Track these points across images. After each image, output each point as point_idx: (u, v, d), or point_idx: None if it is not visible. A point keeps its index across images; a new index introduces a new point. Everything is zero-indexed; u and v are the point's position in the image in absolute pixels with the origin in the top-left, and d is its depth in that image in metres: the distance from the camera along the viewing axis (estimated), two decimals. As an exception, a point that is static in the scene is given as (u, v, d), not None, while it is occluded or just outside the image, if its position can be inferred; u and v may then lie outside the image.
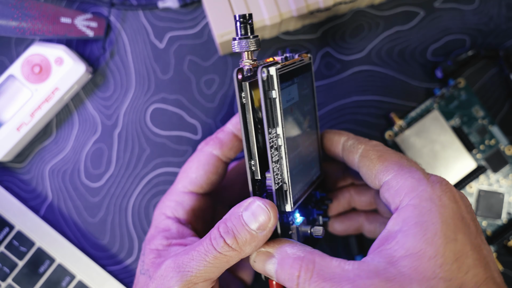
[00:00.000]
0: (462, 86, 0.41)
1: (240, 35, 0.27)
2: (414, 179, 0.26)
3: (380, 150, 0.29)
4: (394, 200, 0.26)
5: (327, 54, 0.42)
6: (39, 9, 0.39)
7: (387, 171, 0.27)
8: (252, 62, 0.27)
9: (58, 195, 0.41)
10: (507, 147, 0.41)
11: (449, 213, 0.24)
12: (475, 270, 0.23)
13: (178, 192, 0.32)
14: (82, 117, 0.42)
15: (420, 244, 0.23)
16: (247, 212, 0.26)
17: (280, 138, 0.26)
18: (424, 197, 0.25)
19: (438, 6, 0.42)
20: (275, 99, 0.26)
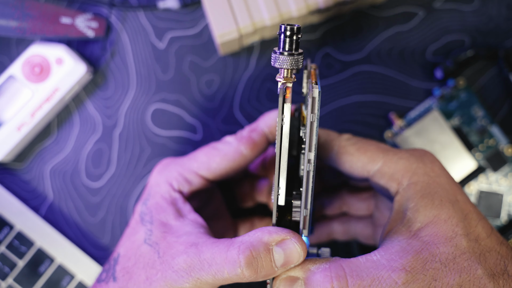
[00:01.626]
0: (462, 86, 0.41)
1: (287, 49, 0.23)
2: (404, 160, 0.28)
3: (355, 143, 0.29)
4: (392, 184, 0.28)
5: (327, 54, 0.42)
6: (40, 9, 0.39)
7: (373, 160, 0.28)
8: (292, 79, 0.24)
9: (59, 195, 0.41)
10: (506, 147, 0.41)
11: (444, 179, 0.27)
12: (481, 222, 0.26)
13: (190, 169, 0.31)
14: (82, 117, 0.42)
15: (432, 212, 0.26)
16: (279, 249, 0.25)
17: (312, 164, 0.24)
18: (420, 173, 0.27)
19: (438, 7, 0.42)
20: (313, 123, 0.24)
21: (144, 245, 0.28)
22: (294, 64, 0.24)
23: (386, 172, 0.28)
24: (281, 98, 0.23)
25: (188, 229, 0.28)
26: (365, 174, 0.29)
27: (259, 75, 0.42)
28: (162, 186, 0.31)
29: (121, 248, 0.30)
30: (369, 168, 0.29)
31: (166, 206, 0.30)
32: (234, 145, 0.31)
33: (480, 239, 0.25)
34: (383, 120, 0.42)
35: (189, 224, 0.28)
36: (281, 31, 0.23)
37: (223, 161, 0.31)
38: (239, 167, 0.31)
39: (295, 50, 0.24)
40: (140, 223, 0.30)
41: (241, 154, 0.31)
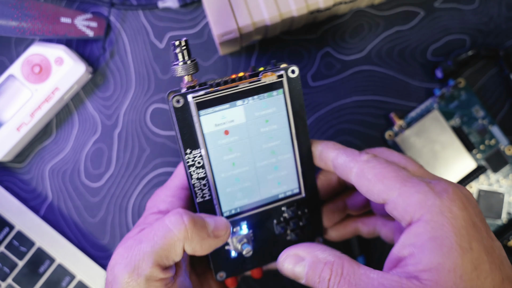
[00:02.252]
0: (462, 86, 0.41)
1: (180, 61, 0.28)
2: (420, 194, 0.26)
3: (375, 167, 0.28)
4: (404, 217, 0.26)
5: (327, 54, 0.42)
6: (39, 9, 0.39)
7: (389, 190, 0.27)
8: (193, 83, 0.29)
9: (58, 195, 0.41)
10: (507, 147, 0.41)
11: (460, 223, 0.25)
12: (492, 274, 0.24)
13: (175, 187, 0.31)
14: (82, 117, 0.42)
15: (438, 258, 0.24)
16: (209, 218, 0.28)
17: (204, 158, 0.29)
18: (434, 212, 0.25)
19: (438, 6, 0.42)
20: (195, 123, 0.28)
21: None
22: (192, 69, 0.28)
23: (399, 204, 0.26)
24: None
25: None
26: (381, 201, 0.28)
27: (259, 75, 0.42)
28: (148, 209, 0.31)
29: None
30: (384, 197, 0.27)
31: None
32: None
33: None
34: (383, 120, 0.42)
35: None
36: (173, 47, 0.28)
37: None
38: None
39: (188, 57, 0.28)
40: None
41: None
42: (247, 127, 0.30)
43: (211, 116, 0.29)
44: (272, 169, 0.31)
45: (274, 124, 0.30)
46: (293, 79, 0.30)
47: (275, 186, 0.31)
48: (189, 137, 0.29)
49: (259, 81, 0.29)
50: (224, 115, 0.29)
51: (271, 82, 0.29)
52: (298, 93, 0.30)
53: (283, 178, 0.31)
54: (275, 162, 0.31)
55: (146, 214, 0.31)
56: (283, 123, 0.31)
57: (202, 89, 0.28)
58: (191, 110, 0.28)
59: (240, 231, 0.31)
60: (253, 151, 0.30)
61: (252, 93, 0.29)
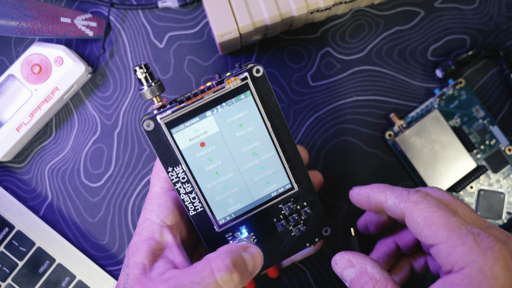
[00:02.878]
0: (462, 86, 0.41)
1: (147, 85, 0.29)
2: (465, 248, 0.25)
3: (424, 209, 0.27)
4: (445, 265, 0.26)
5: (327, 54, 0.42)
6: (39, 9, 0.39)
7: (436, 237, 0.27)
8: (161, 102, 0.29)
9: (58, 195, 0.41)
10: (507, 147, 0.40)
11: (500, 283, 0.24)
12: None
13: (157, 194, 0.32)
14: (81, 117, 0.42)
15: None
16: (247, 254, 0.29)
17: (187, 173, 0.30)
18: (475, 268, 0.25)
19: (438, 6, 0.42)
20: (170, 142, 0.29)
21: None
22: (158, 91, 0.29)
23: (442, 252, 0.26)
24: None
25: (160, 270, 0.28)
26: (426, 245, 0.28)
27: (259, 75, 0.42)
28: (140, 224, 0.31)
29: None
30: (430, 241, 0.27)
31: (140, 244, 0.30)
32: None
33: None
34: (383, 120, 0.42)
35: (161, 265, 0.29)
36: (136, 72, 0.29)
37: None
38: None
39: (152, 80, 0.29)
40: (123, 268, 0.30)
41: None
42: (222, 134, 0.30)
43: (183, 132, 0.29)
44: (257, 170, 0.31)
45: (249, 127, 0.30)
46: (260, 78, 0.30)
47: (265, 186, 0.32)
48: (168, 155, 0.30)
49: (224, 88, 0.29)
50: (196, 128, 0.29)
51: (237, 87, 0.29)
52: (267, 91, 0.30)
53: (271, 176, 0.32)
54: (259, 162, 0.31)
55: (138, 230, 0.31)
56: (258, 123, 0.30)
57: (168, 109, 0.29)
58: (163, 130, 0.29)
59: (240, 235, 0.32)
60: (234, 156, 0.31)
61: (219, 102, 0.29)
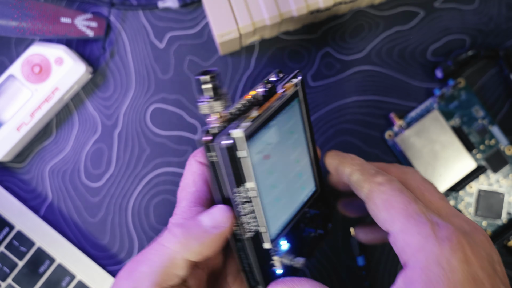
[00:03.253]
0: (462, 86, 0.41)
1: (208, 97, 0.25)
2: (421, 236, 0.24)
3: (385, 192, 0.26)
4: (401, 255, 0.25)
5: (327, 54, 0.42)
6: (39, 9, 0.39)
7: (392, 222, 0.25)
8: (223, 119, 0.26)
9: (58, 195, 0.41)
10: (507, 147, 0.41)
11: (458, 277, 0.23)
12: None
13: (184, 210, 0.28)
14: (82, 117, 0.42)
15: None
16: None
17: (254, 190, 0.26)
18: (431, 260, 0.23)
19: (438, 6, 0.42)
20: (245, 158, 0.25)
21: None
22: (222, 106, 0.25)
23: (398, 241, 0.25)
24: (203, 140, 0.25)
25: None
26: (383, 229, 0.26)
27: (259, 75, 0.42)
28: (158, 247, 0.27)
29: None
30: (386, 226, 0.26)
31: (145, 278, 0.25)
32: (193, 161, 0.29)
33: None
34: (383, 120, 0.42)
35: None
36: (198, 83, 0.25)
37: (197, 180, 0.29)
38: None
39: (217, 94, 0.25)
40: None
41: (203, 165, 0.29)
42: (280, 144, 0.28)
43: (256, 145, 0.26)
44: (297, 177, 0.30)
45: (296, 133, 0.29)
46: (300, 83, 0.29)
47: (301, 192, 0.30)
48: (236, 174, 0.25)
49: (286, 95, 0.28)
50: (263, 140, 0.27)
51: (292, 93, 0.28)
52: (305, 95, 0.30)
53: (305, 182, 0.31)
54: (299, 169, 0.30)
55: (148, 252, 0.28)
56: (300, 130, 0.30)
57: (246, 121, 0.25)
58: (238, 146, 0.25)
59: (281, 249, 0.29)
60: (285, 166, 0.29)
61: (280, 109, 0.28)
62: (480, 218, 0.40)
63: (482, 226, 0.40)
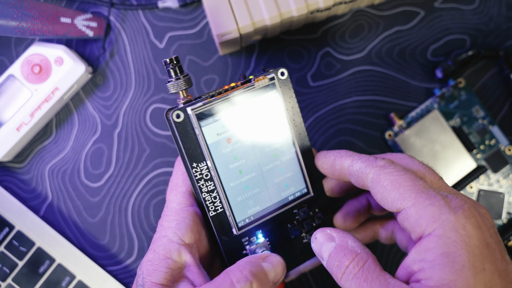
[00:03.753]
0: (462, 86, 0.41)
1: (174, 77, 0.29)
2: (435, 207, 0.25)
3: (391, 173, 0.27)
4: (415, 229, 0.25)
5: (327, 54, 0.42)
6: (39, 9, 0.39)
7: (404, 199, 0.26)
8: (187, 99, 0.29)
9: (58, 195, 0.41)
10: (507, 147, 0.41)
11: (474, 242, 0.24)
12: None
13: (175, 210, 0.30)
14: (82, 117, 0.42)
15: (450, 275, 0.23)
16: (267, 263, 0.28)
17: (212, 169, 0.29)
18: (447, 227, 0.24)
19: (438, 6, 0.42)
20: (198, 135, 0.28)
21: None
22: (186, 85, 0.29)
23: (412, 215, 0.25)
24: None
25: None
26: (394, 210, 0.27)
27: (259, 75, 0.42)
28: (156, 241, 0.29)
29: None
30: (398, 206, 0.26)
31: (158, 263, 0.28)
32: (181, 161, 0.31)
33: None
34: (383, 120, 0.42)
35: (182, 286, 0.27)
36: (166, 65, 0.29)
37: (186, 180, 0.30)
38: None
39: (180, 74, 0.29)
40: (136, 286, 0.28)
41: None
42: (247, 132, 0.30)
43: (212, 126, 0.29)
44: (278, 171, 0.31)
45: (274, 127, 0.31)
46: (284, 81, 0.31)
47: (284, 188, 0.31)
48: (193, 150, 0.29)
49: (253, 86, 0.30)
50: (224, 124, 0.29)
51: (264, 86, 0.30)
52: (290, 93, 0.31)
53: (290, 179, 0.31)
54: (280, 164, 0.31)
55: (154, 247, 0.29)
56: (282, 125, 0.31)
57: (199, 101, 0.28)
58: (192, 122, 0.28)
59: (257, 240, 0.31)
60: (257, 156, 0.30)
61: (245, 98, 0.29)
62: (480, 218, 0.40)
63: (482, 226, 0.40)
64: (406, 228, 0.26)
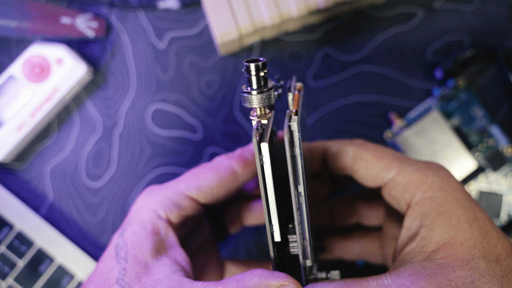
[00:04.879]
0: (462, 86, 0.41)
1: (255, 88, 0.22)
2: (420, 171, 0.26)
3: (371, 148, 0.28)
4: (404, 196, 0.26)
5: (327, 54, 0.42)
6: (40, 9, 0.39)
7: (388, 168, 0.27)
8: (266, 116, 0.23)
9: (59, 195, 0.42)
10: (506, 147, 0.41)
11: (462, 195, 0.25)
12: (501, 241, 0.24)
13: (178, 191, 0.28)
14: (83, 117, 0.42)
15: (449, 232, 0.24)
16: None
17: (302, 196, 0.23)
18: (436, 188, 0.25)
19: (438, 7, 0.42)
20: (296, 156, 0.23)
21: (116, 285, 0.25)
22: (266, 102, 0.22)
23: (400, 182, 0.26)
24: (254, 139, 0.22)
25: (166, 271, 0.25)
26: (379, 182, 0.28)
27: (259, 75, 0.42)
28: (144, 213, 0.27)
29: (91, 284, 0.26)
30: (383, 176, 0.27)
31: (144, 238, 0.26)
32: (225, 162, 0.29)
33: (501, 259, 0.23)
34: (383, 120, 0.42)
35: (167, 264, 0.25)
36: (245, 69, 0.22)
37: (214, 178, 0.28)
38: (231, 187, 0.29)
39: (264, 86, 0.22)
40: (115, 258, 0.26)
41: (232, 171, 0.28)
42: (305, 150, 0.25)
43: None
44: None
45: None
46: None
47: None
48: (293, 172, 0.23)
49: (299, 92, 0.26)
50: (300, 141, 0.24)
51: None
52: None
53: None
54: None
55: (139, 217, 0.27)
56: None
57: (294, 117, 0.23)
58: (295, 140, 0.22)
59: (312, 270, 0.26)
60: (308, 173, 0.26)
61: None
62: (480, 218, 0.40)
63: (481, 225, 0.40)
64: (395, 196, 0.27)
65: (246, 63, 0.22)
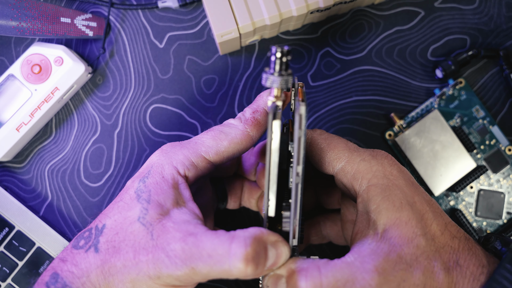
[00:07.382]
0: (462, 86, 0.41)
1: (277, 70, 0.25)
2: (366, 161, 0.29)
3: (326, 138, 0.31)
4: (353, 183, 0.29)
5: (327, 54, 0.42)
6: (39, 9, 0.39)
7: (339, 158, 0.30)
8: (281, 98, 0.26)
9: (58, 195, 0.41)
10: (507, 147, 0.40)
11: (402, 182, 0.29)
12: (436, 220, 0.28)
13: (198, 153, 0.30)
14: (81, 117, 0.42)
15: (394, 214, 0.27)
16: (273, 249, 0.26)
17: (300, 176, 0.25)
18: (379, 176, 0.29)
19: (438, 6, 0.42)
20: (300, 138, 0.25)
21: (137, 223, 0.27)
22: (284, 84, 0.25)
23: (348, 171, 0.29)
24: (271, 116, 0.25)
25: (185, 217, 0.27)
26: (331, 171, 0.30)
27: (259, 75, 0.42)
28: (166, 167, 0.29)
29: (109, 220, 0.28)
30: (334, 165, 0.30)
31: (167, 189, 0.28)
32: (241, 128, 0.31)
33: (436, 237, 0.27)
34: (383, 120, 0.42)
35: (187, 213, 0.28)
36: (272, 52, 0.25)
37: (231, 144, 0.30)
38: (246, 149, 0.31)
39: (285, 70, 0.25)
40: (136, 199, 0.28)
41: (248, 136, 0.31)
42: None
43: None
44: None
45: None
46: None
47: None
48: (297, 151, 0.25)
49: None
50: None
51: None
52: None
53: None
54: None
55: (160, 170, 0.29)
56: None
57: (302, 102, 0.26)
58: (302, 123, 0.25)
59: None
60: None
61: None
62: (481, 219, 0.40)
63: (482, 226, 0.40)
64: (346, 184, 0.30)
65: (274, 47, 0.25)
